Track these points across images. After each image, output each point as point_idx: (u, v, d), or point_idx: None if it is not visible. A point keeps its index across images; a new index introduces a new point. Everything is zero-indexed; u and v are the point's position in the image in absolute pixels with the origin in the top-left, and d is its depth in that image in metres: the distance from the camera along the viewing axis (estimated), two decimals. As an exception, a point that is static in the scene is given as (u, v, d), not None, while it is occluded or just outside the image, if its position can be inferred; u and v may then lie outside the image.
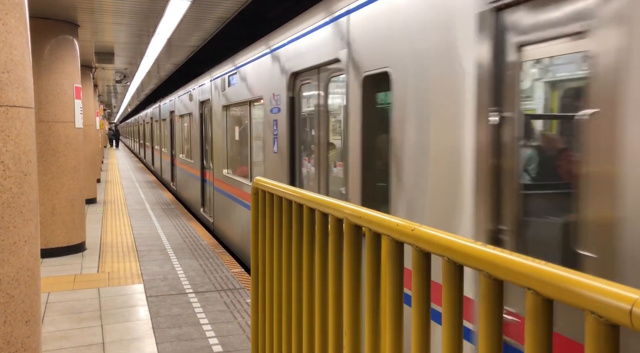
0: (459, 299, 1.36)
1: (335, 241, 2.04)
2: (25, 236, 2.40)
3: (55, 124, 7.19)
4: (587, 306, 0.96)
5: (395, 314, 1.64)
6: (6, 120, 2.31)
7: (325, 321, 2.15)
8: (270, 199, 2.66)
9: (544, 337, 1.09)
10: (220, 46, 11.10)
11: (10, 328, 2.33)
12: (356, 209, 1.87)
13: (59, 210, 7.24)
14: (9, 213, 2.32)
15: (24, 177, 2.40)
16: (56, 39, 7.28)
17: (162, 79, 17.65)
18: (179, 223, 9.92)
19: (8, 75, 2.30)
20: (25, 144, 2.42)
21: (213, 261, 6.96)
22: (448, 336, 1.36)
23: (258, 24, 10.43)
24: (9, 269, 2.32)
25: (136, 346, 4.25)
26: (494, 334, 1.23)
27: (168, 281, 6.05)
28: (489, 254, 1.22)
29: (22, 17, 2.44)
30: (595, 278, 0.98)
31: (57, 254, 7.19)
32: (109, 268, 6.63)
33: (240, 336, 4.44)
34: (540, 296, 1.08)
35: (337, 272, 2.05)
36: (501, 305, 1.24)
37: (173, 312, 5.00)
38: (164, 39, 8.92)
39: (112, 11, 7.16)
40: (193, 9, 6.84)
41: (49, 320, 4.80)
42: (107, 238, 8.52)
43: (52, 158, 7.16)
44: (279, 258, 2.58)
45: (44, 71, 7.09)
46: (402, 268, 1.65)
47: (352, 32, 3.98)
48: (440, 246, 1.38)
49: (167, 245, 8.01)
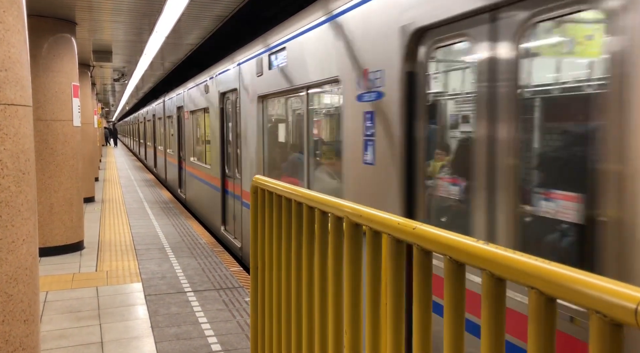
0: (461, 297, 1.35)
1: (335, 239, 2.04)
2: (23, 234, 2.39)
3: (53, 123, 7.17)
4: (592, 305, 0.95)
5: (396, 313, 1.63)
6: (4, 118, 2.30)
7: (325, 320, 2.14)
8: (269, 198, 2.65)
9: (548, 337, 1.09)
10: (219, 44, 11.08)
11: (8, 327, 2.32)
12: (356, 207, 1.86)
13: (57, 209, 7.23)
14: (7, 212, 2.31)
15: (22, 176, 2.39)
16: (54, 37, 7.25)
17: (161, 78, 17.62)
18: (178, 221, 9.90)
19: (6, 73, 2.29)
20: (23, 143, 2.41)
21: (212, 260, 6.95)
22: (450, 334, 1.36)
23: (256, 22, 10.41)
24: (7, 268, 2.30)
25: (135, 345, 4.24)
26: (497, 332, 1.22)
27: (166, 280, 6.04)
28: (491, 253, 1.21)
29: (20, 15, 2.43)
30: (600, 277, 0.97)
31: (55, 253, 7.17)
32: (107, 267, 6.61)
33: (239, 335, 4.43)
34: (544, 296, 1.07)
35: (337, 271, 2.04)
36: (504, 304, 1.24)
37: (172, 311, 4.99)
38: (162, 37, 8.89)
39: (110, 9, 7.14)
40: (191, 7, 6.82)
41: (47, 319, 4.79)
42: (105, 236, 8.51)
43: (50, 156, 7.14)
44: (279, 257, 2.57)
45: (41, 69, 7.07)
46: (403, 267, 1.64)
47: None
48: (441, 244, 1.37)
49: (165, 243, 8.00)
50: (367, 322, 1.81)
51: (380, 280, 1.80)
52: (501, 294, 1.22)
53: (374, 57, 3.59)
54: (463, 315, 1.36)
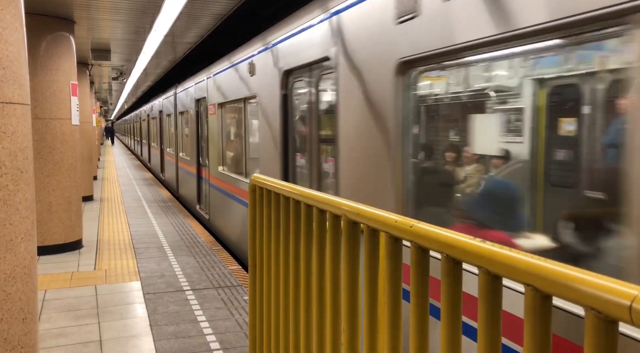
0: (458, 295, 1.36)
1: (333, 238, 2.04)
2: (21, 233, 2.39)
3: (52, 122, 7.16)
4: (587, 302, 0.96)
5: (394, 311, 1.64)
6: (2, 117, 2.30)
7: (324, 318, 2.14)
8: (268, 196, 2.66)
9: (544, 334, 1.09)
10: (218, 42, 11.07)
11: (7, 326, 2.32)
12: (354, 206, 1.86)
13: (55, 208, 7.22)
14: (5, 210, 2.31)
15: (20, 174, 2.39)
16: (52, 36, 7.25)
17: (160, 76, 17.60)
18: (176, 220, 9.90)
19: (4, 71, 2.29)
20: (21, 142, 2.41)
21: (210, 259, 6.95)
22: (447, 333, 1.36)
23: (255, 21, 10.40)
24: (5, 266, 2.31)
25: (134, 343, 4.24)
26: (493, 331, 1.22)
27: (165, 278, 6.04)
28: (487, 250, 1.21)
29: (17, 13, 2.42)
30: (595, 275, 0.97)
31: (53, 251, 7.17)
32: (106, 266, 6.62)
33: (237, 333, 4.44)
34: (540, 293, 1.08)
35: (335, 269, 2.05)
36: (500, 302, 1.24)
37: (170, 309, 5.00)
38: (161, 35, 8.88)
39: (109, 8, 7.14)
40: (190, 5, 6.82)
41: (46, 317, 4.79)
42: (104, 235, 8.51)
43: (48, 155, 7.14)
44: (277, 255, 2.58)
45: (40, 67, 7.06)
46: (401, 265, 1.65)
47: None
48: (439, 242, 1.38)
49: (164, 242, 8.00)
50: (365, 319, 1.81)
51: (378, 278, 1.81)
52: (497, 291, 1.23)
53: (269, 84, 5.95)
54: (460, 314, 1.36)
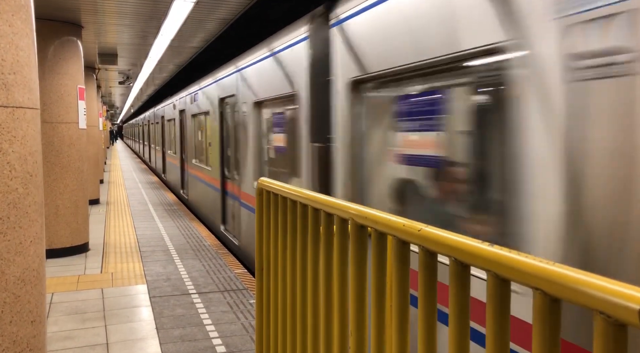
0: (466, 299, 1.36)
1: (341, 241, 2.04)
2: (30, 236, 2.41)
3: (59, 125, 7.20)
4: (596, 306, 0.96)
5: (402, 315, 1.64)
6: (12, 121, 2.32)
7: (331, 322, 2.15)
8: (275, 200, 2.66)
9: (553, 338, 1.09)
10: (223, 47, 11.11)
11: (16, 328, 2.33)
12: (362, 209, 1.87)
13: (62, 211, 7.26)
14: (15, 214, 2.33)
15: (29, 178, 2.41)
16: (60, 41, 7.30)
17: (165, 80, 17.67)
18: (182, 223, 9.92)
19: (14, 76, 2.31)
20: (31, 145, 2.43)
21: (216, 262, 6.96)
22: (455, 337, 1.36)
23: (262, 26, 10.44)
24: (15, 269, 2.32)
25: (140, 346, 4.25)
26: (502, 334, 1.23)
27: (171, 281, 6.05)
28: (496, 254, 1.22)
29: (28, 18, 2.45)
30: (604, 278, 0.98)
31: (60, 255, 7.21)
32: (112, 269, 6.64)
33: (243, 336, 4.44)
34: (549, 297, 1.08)
35: (343, 273, 2.05)
36: (509, 305, 1.24)
37: (176, 313, 5.01)
38: (168, 40, 8.93)
39: (116, 12, 7.18)
40: (197, 10, 6.85)
41: (53, 320, 4.81)
42: (110, 238, 8.54)
43: (55, 158, 7.18)
44: (284, 259, 2.58)
45: (47, 72, 7.11)
46: (408, 269, 1.65)
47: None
48: (447, 246, 1.38)
49: (170, 245, 8.02)
50: (373, 323, 1.82)
51: (385, 282, 1.81)
52: (506, 295, 1.23)
53: (213, 105, 9.34)
54: (468, 318, 1.36)
